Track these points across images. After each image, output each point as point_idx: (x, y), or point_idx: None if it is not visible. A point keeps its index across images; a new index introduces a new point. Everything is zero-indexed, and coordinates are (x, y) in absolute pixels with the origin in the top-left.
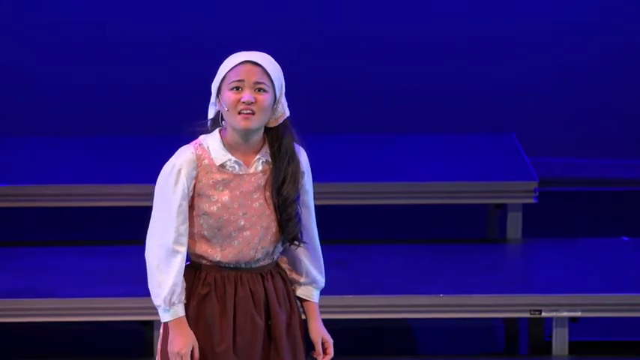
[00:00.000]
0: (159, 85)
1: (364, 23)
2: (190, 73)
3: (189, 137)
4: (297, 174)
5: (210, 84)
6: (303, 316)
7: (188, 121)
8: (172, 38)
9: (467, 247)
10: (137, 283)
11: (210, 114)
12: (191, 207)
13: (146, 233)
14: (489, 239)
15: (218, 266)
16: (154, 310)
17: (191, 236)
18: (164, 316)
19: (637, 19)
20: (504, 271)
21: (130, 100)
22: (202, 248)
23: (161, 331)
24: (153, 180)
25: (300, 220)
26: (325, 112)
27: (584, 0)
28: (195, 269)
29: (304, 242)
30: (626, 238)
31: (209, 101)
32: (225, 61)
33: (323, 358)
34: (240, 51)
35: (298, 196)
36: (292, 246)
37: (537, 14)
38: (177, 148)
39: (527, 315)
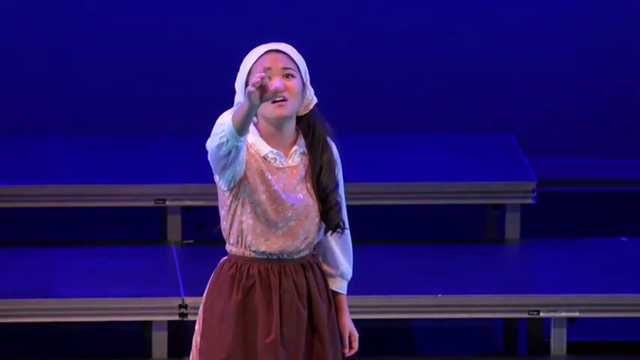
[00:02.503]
0: (159, 85)
1: (365, 23)
2: (192, 73)
3: (189, 137)
4: (332, 162)
5: (212, 83)
6: None
7: (189, 121)
8: (174, 38)
9: (465, 247)
10: (137, 283)
11: None
12: (240, 195)
13: (146, 233)
14: (488, 239)
15: (262, 258)
16: (153, 310)
17: (237, 227)
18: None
19: (637, 20)
20: (503, 272)
21: (130, 100)
22: (248, 239)
23: (198, 322)
24: (153, 180)
25: (340, 208)
26: (324, 113)
27: (584, 1)
28: (235, 263)
29: (346, 228)
30: (624, 239)
31: (210, 101)
32: (248, 57)
33: (348, 351)
34: (239, 51)
35: (337, 184)
36: (335, 233)
37: (537, 15)
38: (178, 149)
39: (525, 315)
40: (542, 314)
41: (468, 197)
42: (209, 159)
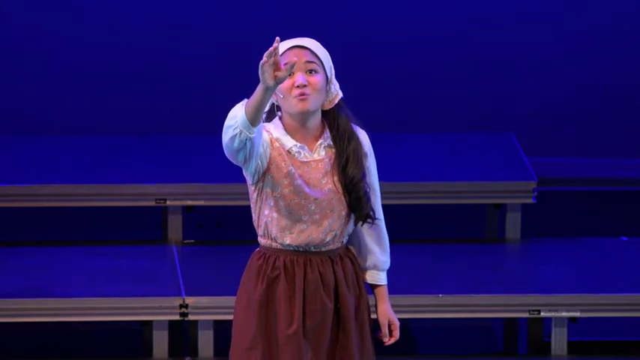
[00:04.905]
0: (159, 84)
1: (364, 23)
2: (193, 73)
3: (190, 137)
4: (359, 152)
5: (214, 83)
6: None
7: (189, 121)
8: (174, 37)
9: (466, 247)
10: (137, 283)
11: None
12: (264, 189)
13: (146, 233)
14: (488, 239)
15: (287, 250)
16: (154, 309)
17: (263, 220)
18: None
19: (636, 20)
20: (503, 271)
21: (131, 100)
22: (273, 231)
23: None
24: (153, 180)
25: (369, 198)
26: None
27: (583, 1)
28: (264, 254)
29: (377, 219)
30: (625, 238)
31: (211, 101)
32: None
33: (389, 339)
34: (242, 51)
35: (364, 175)
36: (366, 224)
37: (537, 14)
38: (179, 149)
39: (526, 315)
40: (542, 314)
41: (468, 197)
42: (226, 154)
